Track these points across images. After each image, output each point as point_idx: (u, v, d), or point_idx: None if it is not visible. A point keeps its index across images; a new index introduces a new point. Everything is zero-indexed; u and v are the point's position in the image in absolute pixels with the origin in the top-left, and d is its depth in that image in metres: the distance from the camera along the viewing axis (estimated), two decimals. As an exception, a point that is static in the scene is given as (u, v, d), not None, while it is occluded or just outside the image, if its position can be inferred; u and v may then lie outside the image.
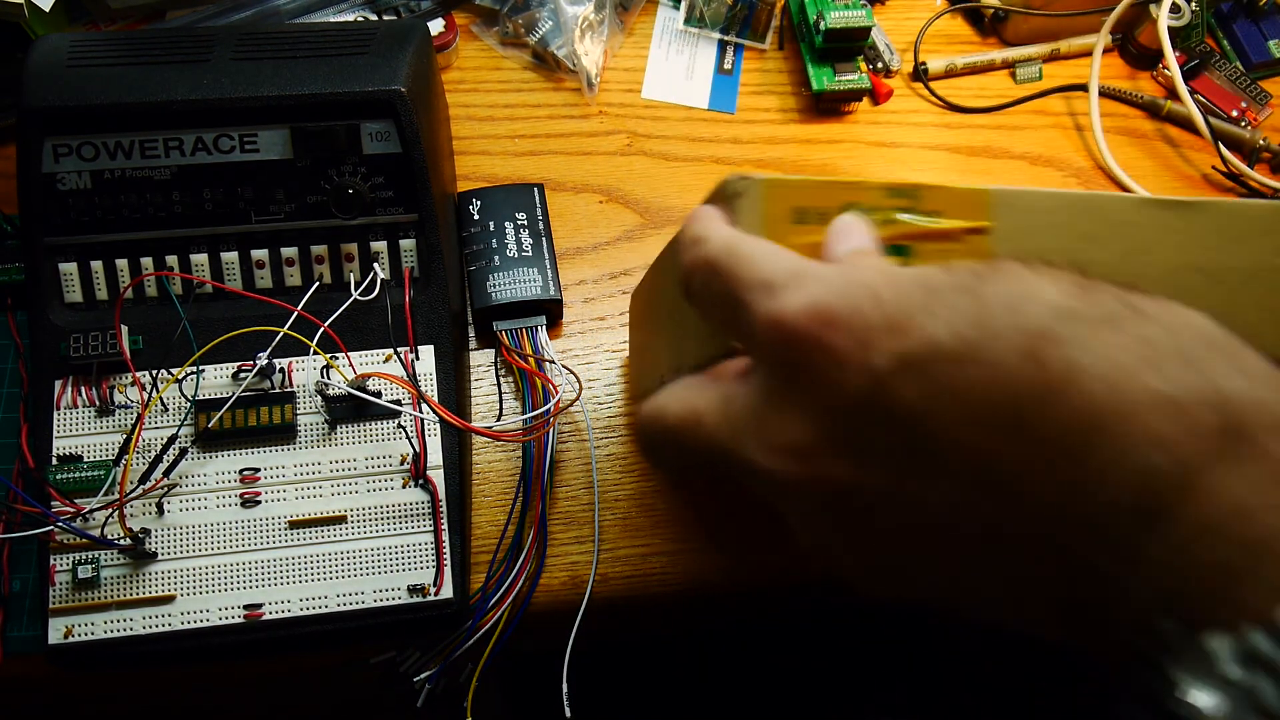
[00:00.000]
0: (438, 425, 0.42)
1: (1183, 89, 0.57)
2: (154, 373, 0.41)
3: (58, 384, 0.41)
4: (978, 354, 0.19)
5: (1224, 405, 0.19)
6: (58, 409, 0.41)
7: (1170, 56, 0.57)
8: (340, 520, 0.40)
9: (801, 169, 0.56)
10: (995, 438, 0.19)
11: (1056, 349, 0.19)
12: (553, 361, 0.46)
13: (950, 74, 0.61)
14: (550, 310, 0.48)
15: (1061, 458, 0.19)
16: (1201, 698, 0.17)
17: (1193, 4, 0.59)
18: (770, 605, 0.51)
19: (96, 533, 0.38)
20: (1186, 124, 0.60)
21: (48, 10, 0.49)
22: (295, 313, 0.41)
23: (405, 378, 0.42)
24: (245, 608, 0.39)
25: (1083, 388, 0.19)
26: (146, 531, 0.39)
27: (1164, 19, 0.57)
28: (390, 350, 0.43)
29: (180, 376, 0.41)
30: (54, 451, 0.40)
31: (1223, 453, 0.18)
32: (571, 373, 0.46)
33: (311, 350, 0.40)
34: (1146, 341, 0.19)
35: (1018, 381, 0.19)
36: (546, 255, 0.48)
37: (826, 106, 0.58)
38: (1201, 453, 0.18)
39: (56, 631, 0.38)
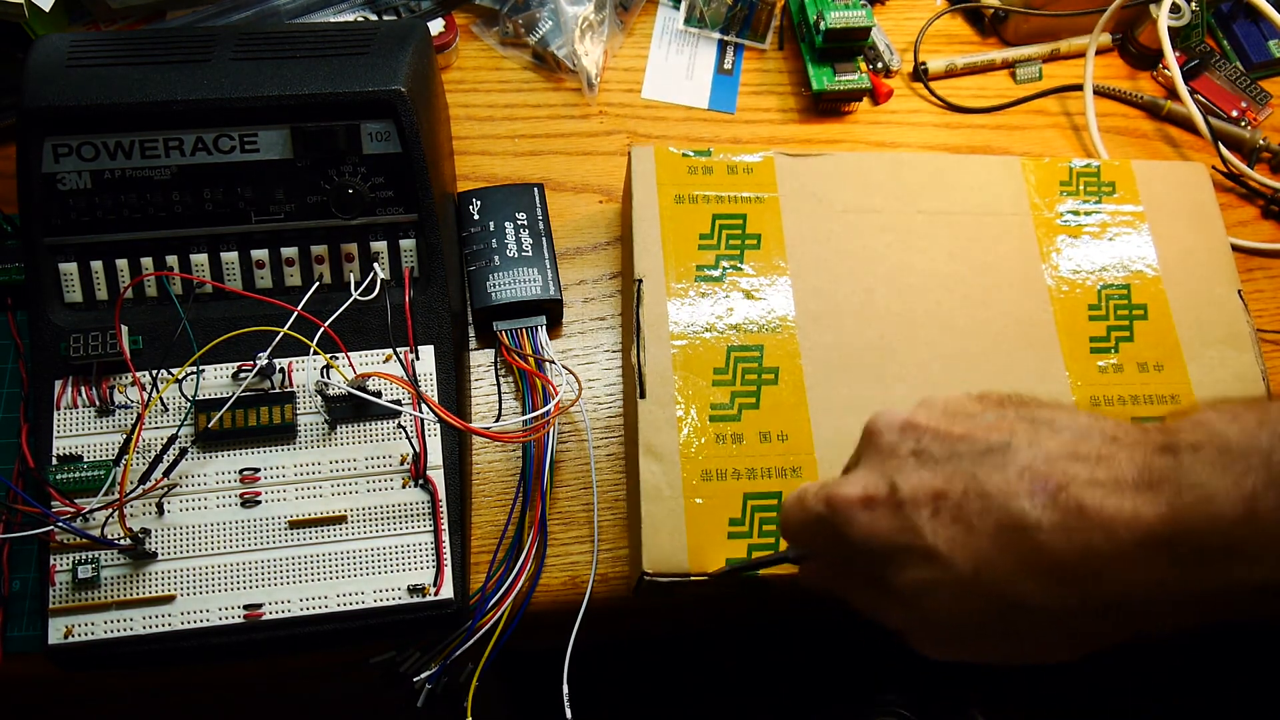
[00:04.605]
0: (438, 425, 0.42)
1: (1183, 89, 0.57)
2: (154, 373, 0.41)
3: (58, 384, 0.41)
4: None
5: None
6: (58, 409, 0.41)
7: (1170, 56, 0.57)
8: (340, 520, 0.40)
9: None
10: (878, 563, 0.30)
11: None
12: (553, 361, 0.46)
13: (950, 74, 0.61)
14: (550, 310, 0.48)
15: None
16: None
17: (1193, 4, 0.59)
18: (770, 605, 0.50)
19: (96, 533, 0.38)
20: (1187, 124, 0.60)
21: (48, 10, 0.49)
22: (295, 313, 0.41)
23: (405, 378, 0.42)
24: (245, 608, 0.39)
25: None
26: (146, 531, 0.39)
27: (1164, 19, 0.57)
28: (390, 350, 0.43)
29: (180, 376, 0.41)
30: (54, 451, 0.40)
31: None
32: (571, 373, 0.46)
33: (311, 350, 0.40)
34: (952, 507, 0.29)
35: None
36: (546, 255, 0.48)
37: (826, 106, 0.58)
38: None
39: (56, 631, 0.38)
